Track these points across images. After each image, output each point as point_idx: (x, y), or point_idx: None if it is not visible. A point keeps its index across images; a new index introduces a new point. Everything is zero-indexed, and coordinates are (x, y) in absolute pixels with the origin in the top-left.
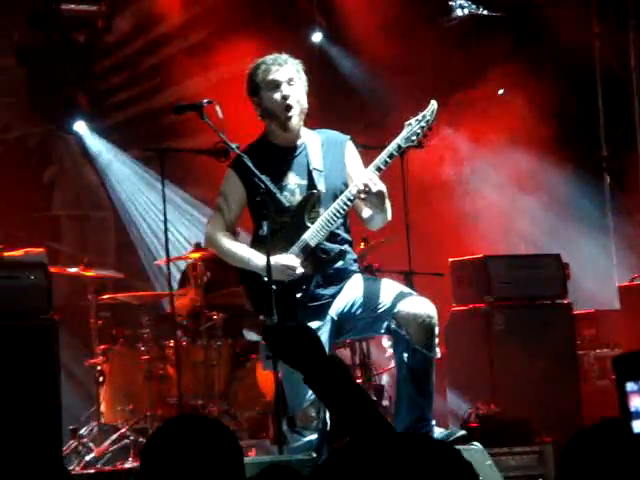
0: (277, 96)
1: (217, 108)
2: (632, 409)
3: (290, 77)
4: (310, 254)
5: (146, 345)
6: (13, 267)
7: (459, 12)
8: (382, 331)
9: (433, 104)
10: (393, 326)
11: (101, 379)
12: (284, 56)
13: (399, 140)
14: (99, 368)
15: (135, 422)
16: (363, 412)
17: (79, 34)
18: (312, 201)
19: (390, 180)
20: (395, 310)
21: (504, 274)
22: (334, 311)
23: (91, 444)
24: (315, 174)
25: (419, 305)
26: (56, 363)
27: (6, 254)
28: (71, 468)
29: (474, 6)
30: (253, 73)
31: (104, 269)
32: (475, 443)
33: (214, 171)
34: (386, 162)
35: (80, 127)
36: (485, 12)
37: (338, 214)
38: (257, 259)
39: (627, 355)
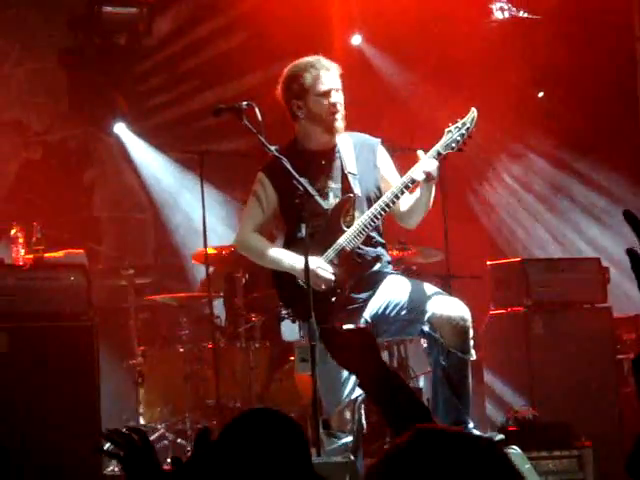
0: (326, 102)
1: (256, 110)
2: None
3: (338, 83)
4: (346, 258)
5: (185, 346)
6: (53, 268)
7: (499, 15)
8: (416, 333)
9: (473, 111)
10: (427, 329)
11: (140, 380)
12: (328, 60)
13: (439, 147)
14: (138, 369)
15: (174, 423)
16: (417, 419)
17: (119, 36)
18: (348, 205)
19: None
20: (429, 313)
21: (543, 278)
22: (368, 313)
23: None
24: (350, 177)
25: (453, 307)
26: (96, 364)
27: (46, 255)
28: (110, 469)
29: (514, 9)
30: (300, 77)
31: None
32: (514, 447)
33: (254, 174)
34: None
35: (120, 129)
36: (525, 15)
37: (376, 218)
38: (292, 260)
39: None
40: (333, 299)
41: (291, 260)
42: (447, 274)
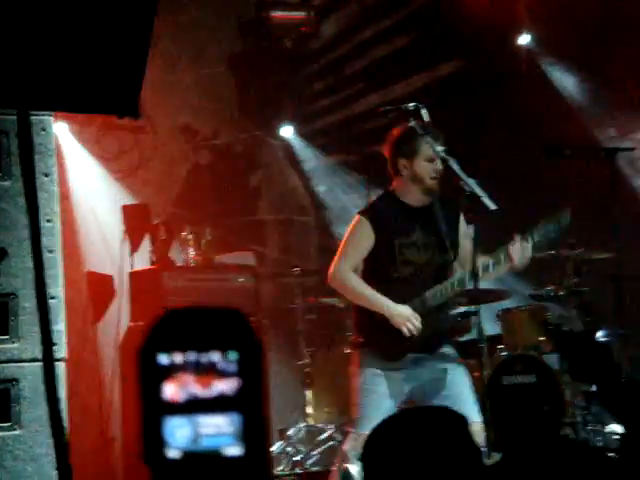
0: (431, 169)
1: (423, 112)
2: None
3: (443, 152)
4: (427, 312)
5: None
6: (223, 269)
7: None
8: None
9: (567, 213)
10: None
11: (308, 381)
12: (437, 129)
13: (538, 236)
14: (306, 370)
15: (342, 424)
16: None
17: (287, 40)
18: (442, 262)
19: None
20: None
21: None
22: (425, 376)
23: (299, 445)
24: (443, 236)
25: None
26: (265, 365)
27: (216, 257)
28: (280, 468)
29: None
30: (414, 139)
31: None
32: None
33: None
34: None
35: (287, 132)
36: None
37: (462, 282)
38: (388, 304)
39: None
40: (406, 343)
41: (388, 303)
42: (617, 274)
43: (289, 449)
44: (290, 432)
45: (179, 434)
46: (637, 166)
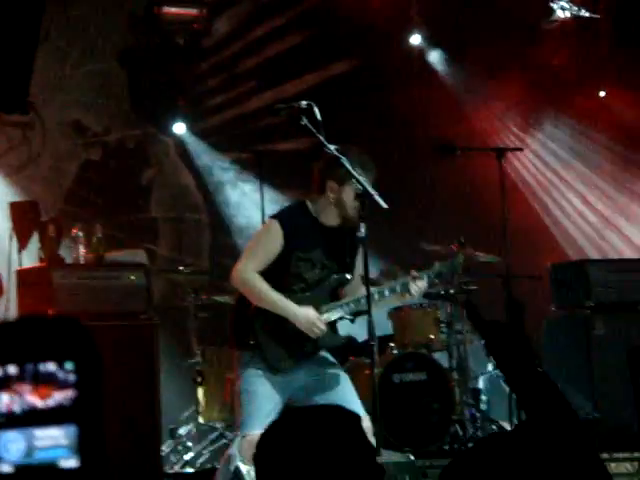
0: (358, 202)
1: (315, 110)
2: None
3: (373, 190)
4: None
5: None
6: (114, 267)
7: (560, 14)
8: None
9: (460, 257)
10: None
11: (199, 379)
12: (373, 164)
13: (432, 273)
14: (197, 369)
15: (233, 422)
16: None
17: (179, 37)
18: (337, 284)
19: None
20: None
21: (605, 278)
22: (306, 379)
23: (190, 443)
24: (344, 259)
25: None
26: (156, 362)
27: (107, 254)
28: (170, 467)
29: (575, 8)
30: (349, 162)
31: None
32: None
33: (310, 174)
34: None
35: (179, 129)
36: (587, 14)
37: (358, 302)
38: (294, 308)
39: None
40: (305, 346)
41: (294, 307)
42: (507, 274)
43: (180, 448)
44: (181, 431)
45: (12, 448)
46: (526, 165)
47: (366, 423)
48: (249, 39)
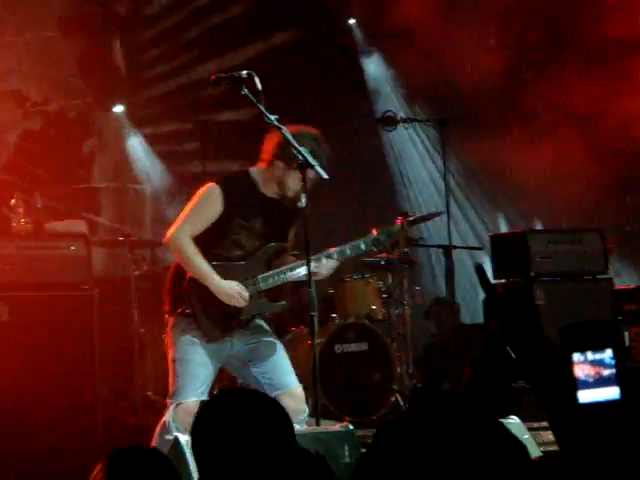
0: (302, 185)
1: (256, 80)
2: (579, 379)
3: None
4: (256, 294)
5: None
6: (54, 238)
7: None
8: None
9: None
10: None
11: (142, 350)
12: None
13: (348, 249)
14: (140, 339)
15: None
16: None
17: (120, 6)
18: (274, 252)
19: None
20: (279, 392)
21: (545, 249)
22: (239, 347)
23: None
24: (283, 228)
25: (297, 403)
26: (95, 333)
27: (47, 225)
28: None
29: None
30: (298, 150)
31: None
32: (513, 417)
33: (253, 145)
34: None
35: (122, 99)
36: None
37: (290, 270)
38: (218, 279)
39: (574, 325)
40: (240, 314)
41: (217, 278)
42: (448, 245)
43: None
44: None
45: None
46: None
47: (297, 391)
48: (191, 8)
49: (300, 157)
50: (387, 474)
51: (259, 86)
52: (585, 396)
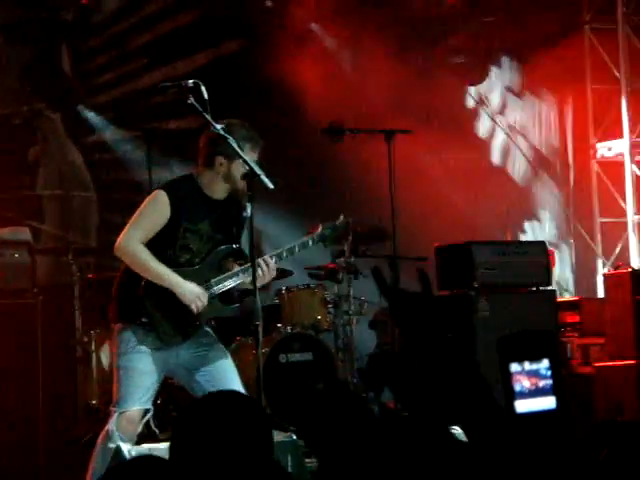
0: (244, 170)
1: (202, 89)
2: (516, 389)
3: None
4: (211, 299)
5: None
6: None
7: None
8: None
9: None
10: None
11: (83, 358)
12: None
13: (308, 240)
14: (82, 348)
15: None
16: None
17: (66, 13)
18: (224, 255)
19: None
20: None
21: (489, 260)
22: (185, 355)
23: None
24: (232, 230)
25: None
26: (38, 342)
27: None
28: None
29: None
30: (238, 139)
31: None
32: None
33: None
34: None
35: (69, 105)
36: None
37: (245, 274)
38: (180, 282)
39: (511, 336)
40: (195, 319)
41: (178, 280)
42: (394, 255)
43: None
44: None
45: None
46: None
47: None
48: (140, 16)
49: (245, 167)
50: None
51: (205, 95)
52: (522, 406)
